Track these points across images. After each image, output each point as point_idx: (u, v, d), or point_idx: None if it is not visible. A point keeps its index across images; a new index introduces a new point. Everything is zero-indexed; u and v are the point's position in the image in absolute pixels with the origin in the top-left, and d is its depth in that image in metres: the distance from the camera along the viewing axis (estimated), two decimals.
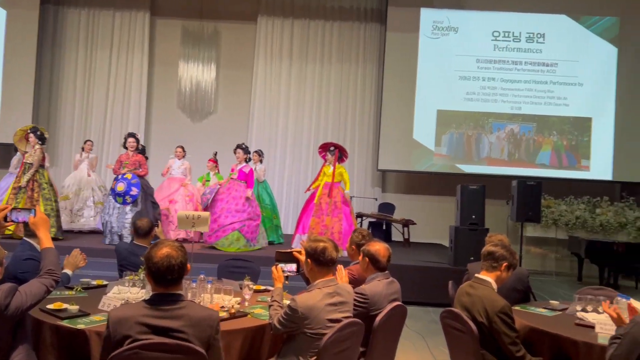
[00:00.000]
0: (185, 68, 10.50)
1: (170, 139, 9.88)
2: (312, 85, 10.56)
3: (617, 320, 2.83)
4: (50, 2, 10.41)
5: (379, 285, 3.11)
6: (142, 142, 9.10)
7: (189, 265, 2.26)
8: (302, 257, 2.82)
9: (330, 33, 10.59)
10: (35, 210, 2.70)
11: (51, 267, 2.48)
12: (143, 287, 3.13)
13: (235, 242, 7.15)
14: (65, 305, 2.89)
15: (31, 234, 3.59)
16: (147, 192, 7.35)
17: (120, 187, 7.15)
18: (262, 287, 3.75)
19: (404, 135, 10.09)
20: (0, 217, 2.70)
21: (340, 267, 3.29)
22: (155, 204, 7.42)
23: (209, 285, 3.14)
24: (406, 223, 9.45)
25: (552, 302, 3.87)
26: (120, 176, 7.23)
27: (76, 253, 3.48)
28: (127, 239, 6.80)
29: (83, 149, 8.65)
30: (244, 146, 7.63)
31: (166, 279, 2.16)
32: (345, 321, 2.59)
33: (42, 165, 7.34)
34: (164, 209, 7.61)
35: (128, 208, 7.12)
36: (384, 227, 9.96)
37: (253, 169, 7.66)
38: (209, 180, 8.09)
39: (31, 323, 2.72)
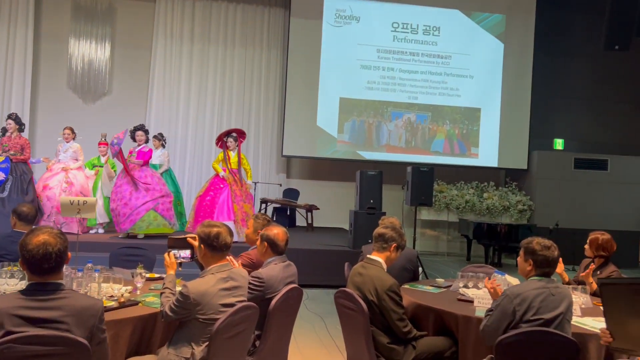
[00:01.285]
0: (76, 45, 9.82)
1: (59, 120, 9.21)
2: (215, 68, 10.32)
3: (494, 295, 3.09)
4: None
5: (275, 269, 3.14)
6: (27, 124, 8.43)
7: (69, 254, 2.14)
8: (196, 243, 2.77)
9: (233, 15, 10.39)
10: None
11: None
12: (23, 279, 2.93)
13: (153, 222, 6.83)
14: None
15: None
16: (23, 178, 6.77)
17: None
18: (157, 275, 3.65)
19: (308, 122, 10.20)
20: None
21: (229, 258, 3.28)
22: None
23: (97, 274, 3.00)
24: (310, 208, 9.61)
25: (438, 280, 4.14)
26: None
27: None
28: None
29: None
30: (145, 128, 7.37)
31: (42, 268, 2.04)
32: (239, 305, 2.59)
33: None
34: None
35: None
36: (288, 212, 10.06)
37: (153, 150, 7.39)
38: (100, 166, 7.55)
39: None
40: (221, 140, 7.43)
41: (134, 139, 7.23)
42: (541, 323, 2.71)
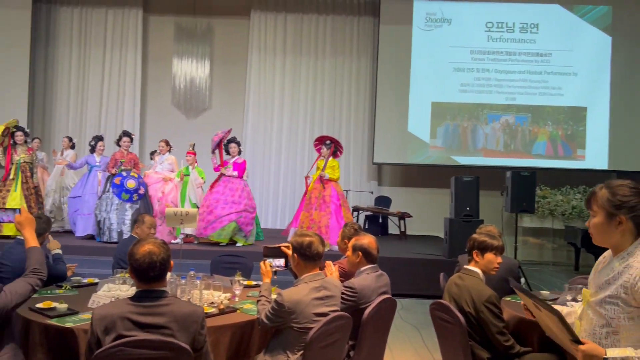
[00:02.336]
0: (179, 65, 10.48)
1: (165, 135, 9.84)
2: (307, 79, 10.55)
3: None
4: (42, 1, 10.38)
5: (367, 279, 3.12)
6: (137, 139, 9.11)
7: (172, 262, 2.26)
8: (290, 252, 2.83)
9: (323, 27, 10.57)
10: (20, 209, 2.71)
11: (36, 266, 2.49)
12: (134, 285, 3.14)
13: (231, 232, 7.16)
14: (54, 304, 2.90)
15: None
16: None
17: (132, 184, 7.20)
18: (254, 283, 3.76)
19: (399, 128, 10.09)
20: None
21: (329, 263, 3.30)
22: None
23: (198, 282, 3.15)
24: (402, 216, 9.47)
25: (543, 292, 3.88)
26: (126, 173, 7.25)
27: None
28: (127, 235, 6.78)
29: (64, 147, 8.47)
30: (237, 140, 7.68)
31: (148, 276, 2.17)
32: (332, 315, 2.60)
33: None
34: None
35: (128, 205, 7.13)
36: (381, 220, 9.98)
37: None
38: (187, 175, 7.74)
39: (20, 322, 2.73)
40: (321, 145, 7.59)
41: (227, 151, 7.53)
42: None
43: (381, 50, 10.12)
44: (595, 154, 9.85)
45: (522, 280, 5.74)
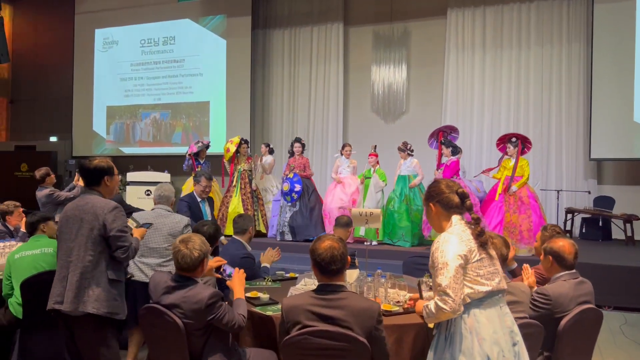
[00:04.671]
0: (377, 71, 10.82)
1: (365, 140, 10.31)
2: (509, 73, 9.92)
3: None
4: (259, 27, 11.74)
5: (564, 286, 2.83)
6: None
7: (349, 258, 2.39)
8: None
9: (527, 15, 9.83)
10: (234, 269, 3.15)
11: (244, 313, 2.81)
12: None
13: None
14: (259, 294, 3.29)
15: (239, 231, 4.17)
16: (309, 191, 8.02)
17: (286, 187, 8.01)
18: None
19: (622, 119, 8.82)
20: (213, 267, 3.16)
21: (526, 266, 3.10)
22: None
23: (383, 280, 3.24)
24: (628, 218, 8.28)
25: None
26: (285, 177, 8.08)
27: (270, 250, 3.95)
28: (287, 235, 7.88)
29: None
30: (451, 143, 7.56)
31: (329, 270, 2.33)
32: (518, 322, 2.43)
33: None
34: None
35: (288, 206, 7.93)
36: (601, 223, 8.84)
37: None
38: (369, 177, 7.80)
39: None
40: (504, 144, 7.12)
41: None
42: None
43: (596, 32, 8.99)
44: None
45: None
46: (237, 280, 3.00)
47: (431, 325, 2.36)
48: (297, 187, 7.90)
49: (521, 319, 2.49)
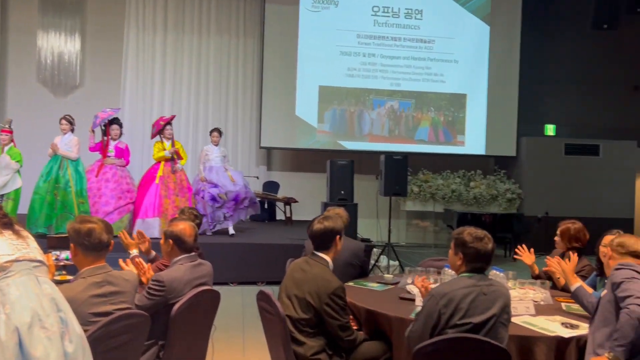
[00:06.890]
0: (45, 38, 9.52)
1: (30, 115, 9.01)
2: (190, 58, 9.97)
3: (424, 295, 2.76)
4: None
5: (180, 270, 2.81)
6: None
7: None
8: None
9: (207, 3, 10.02)
10: None
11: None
12: None
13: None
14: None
15: None
16: None
17: None
18: None
19: (287, 112, 9.85)
20: None
21: (138, 261, 3.00)
22: None
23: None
24: (288, 201, 9.31)
25: (386, 276, 3.81)
26: None
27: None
28: None
29: None
30: (120, 122, 7.13)
31: None
32: (117, 314, 2.27)
33: None
34: None
35: None
36: (267, 206, 9.74)
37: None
38: None
39: None
40: (159, 130, 7.08)
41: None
42: (469, 328, 2.38)
43: (267, 30, 9.78)
44: (474, 140, 10.21)
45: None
46: None
47: None
48: None
49: (123, 309, 2.33)
